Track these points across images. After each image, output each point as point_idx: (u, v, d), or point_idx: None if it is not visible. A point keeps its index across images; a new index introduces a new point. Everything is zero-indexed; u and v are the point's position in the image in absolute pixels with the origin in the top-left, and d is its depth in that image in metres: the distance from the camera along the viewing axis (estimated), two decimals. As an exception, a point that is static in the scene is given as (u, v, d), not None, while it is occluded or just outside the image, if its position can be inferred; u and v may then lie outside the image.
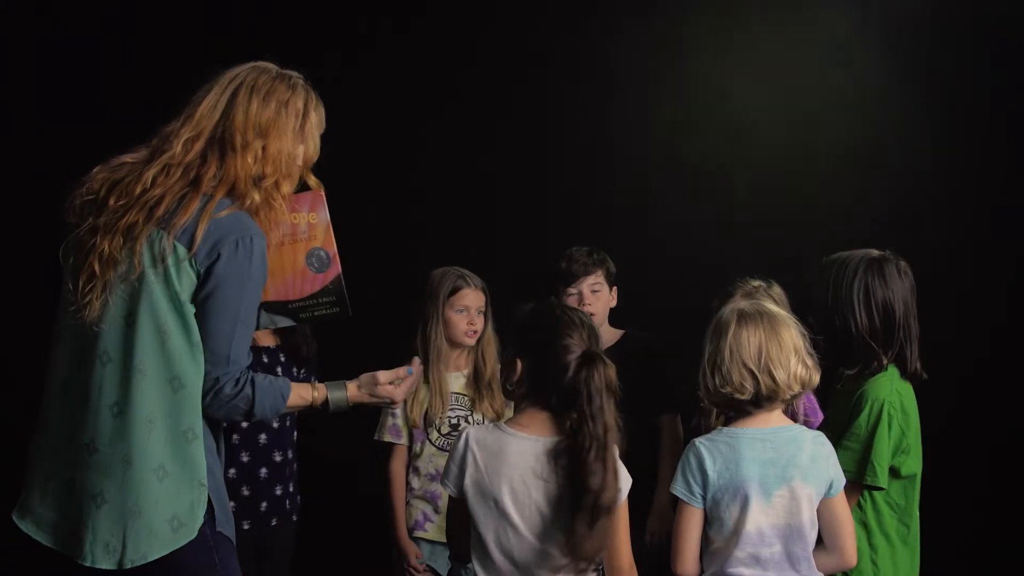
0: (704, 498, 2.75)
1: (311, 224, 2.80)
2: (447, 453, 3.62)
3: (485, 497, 2.58)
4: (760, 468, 2.73)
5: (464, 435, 2.65)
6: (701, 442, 2.78)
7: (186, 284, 2.43)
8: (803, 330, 2.80)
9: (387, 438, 3.78)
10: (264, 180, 2.52)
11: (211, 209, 2.44)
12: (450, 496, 2.66)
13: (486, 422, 3.70)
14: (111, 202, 2.45)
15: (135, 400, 2.40)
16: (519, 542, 2.56)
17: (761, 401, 2.74)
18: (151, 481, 2.40)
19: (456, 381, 3.79)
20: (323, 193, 2.78)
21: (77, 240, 2.46)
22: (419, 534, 3.75)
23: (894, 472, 2.97)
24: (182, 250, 2.41)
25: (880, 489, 2.93)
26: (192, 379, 2.43)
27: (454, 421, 3.75)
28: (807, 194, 4.23)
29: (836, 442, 2.94)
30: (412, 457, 3.76)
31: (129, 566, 2.38)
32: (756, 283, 3.49)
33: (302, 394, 2.63)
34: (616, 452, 2.55)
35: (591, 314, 3.69)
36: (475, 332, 3.75)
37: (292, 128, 2.55)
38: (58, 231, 2.50)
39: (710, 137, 4.35)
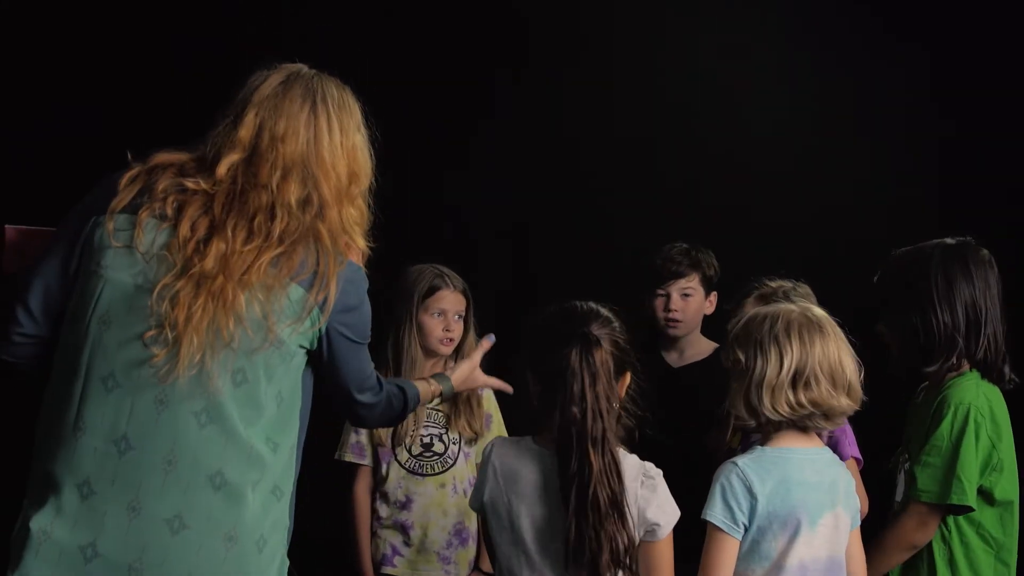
0: (747, 527, 2.37)
1: None
2: (419, 477, 3.27)
3: (500, 517, 2.34)
4: (809, 493, 2.39)
5: (489, 446, 2.41)
6: (744, 463, 2.39)
7: (311, 341, 2.13)
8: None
9: (349, 458, 3.33)
10: (354, 225, 2.22)
11: (335, 262, 2.12)
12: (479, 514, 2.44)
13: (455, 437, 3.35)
14: (215, 246, 2.04)
15: (238, 471, 2.04)
16: (529, 570, 2.29)
17: (834, 416, 2.39)
18: (252, 555, 2.04)
19: None
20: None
21: (170, 284, 2.04)
22: (387, 570, 3.30)
23: (986, 496, 2.61)
24: (317, 313, 2.10)
25: (968, 510, 2.56)
26: (291, 439, 2.14)
27: (426, 440, 3.31)
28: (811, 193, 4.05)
29: (915, 461, 2.60)
30: (378, 481, 3.31)
31: None
32: (776, 283, 3.09)
33: (427, 396, 2.59)
34: (642, 465, 2.30)
35: (677, 321, 3.39)
36: (451, 340, 3.31)
37: (367, 155, 2.26)
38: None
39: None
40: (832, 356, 2.36)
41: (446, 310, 3.30)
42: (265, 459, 2.06)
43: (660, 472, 2.34)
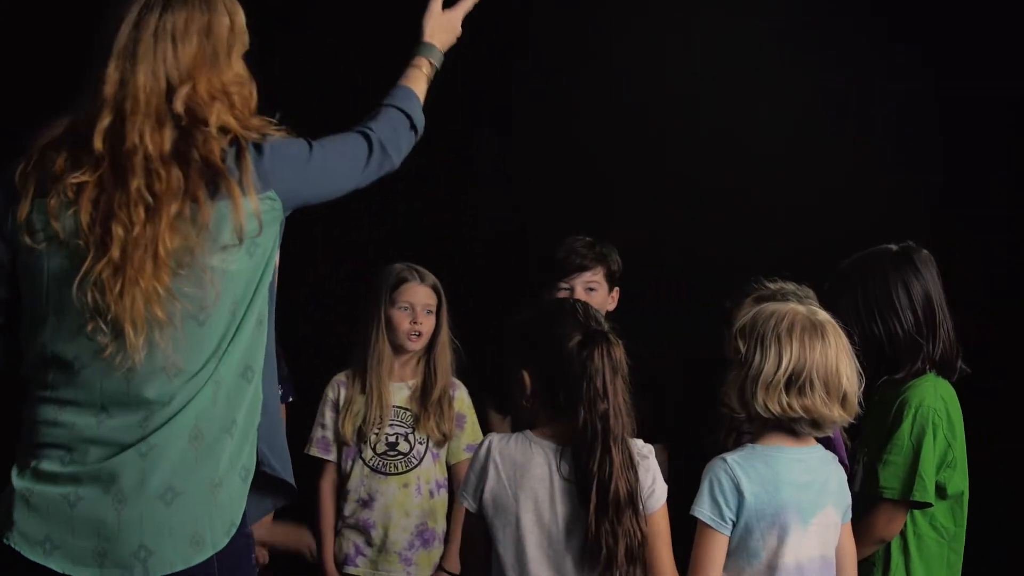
0: (735, 524, 2.37)
1: None
2: (381, 476, 3.23)
3: (505, 514, 2.30)
4: (798, 492, 2.39)
5: (486, 441, 2.36)
6: (733, 459, 2.39)
7: (275, 216, 2.12)
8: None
9: (314, 452, 3.30)
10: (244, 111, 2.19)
11: (236, 179, 2.08)
12: (467, 511, 2.37)
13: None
14: (115, 232, 2.01)
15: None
16: (541, 567, 2.27)
17: (825, 425, 2.40)
18: (226, 442, 2.07)
19: (398, 393, 3.31)
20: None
21: (88, 272, 2.01)
22: (349, 570, 3.27)
23: (939, 490, 2.71)
24: (252, 220, 2.06)
25: (927, 506, 2.66)
26: (257, 310, 2.12)
27: (392, 439, 3.27)
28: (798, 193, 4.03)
29: (876, 458, 2.66)
30: (342, 479, 3.27)
31: (225, 543, 2.06)
32: (777, 285, 3.01)
33: (422, 83, 2.42)
34: (633, 444, 2.31)
35: None
36: (419, 335, 3.27)
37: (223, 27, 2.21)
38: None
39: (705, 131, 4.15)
40: (830, 363, 2.36)
41: (414, 303, 3.27)
42: (230, 353, 2.07)
43: (652, 448, 2.36)
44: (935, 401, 2.68)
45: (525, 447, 2.32)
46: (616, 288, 3.46)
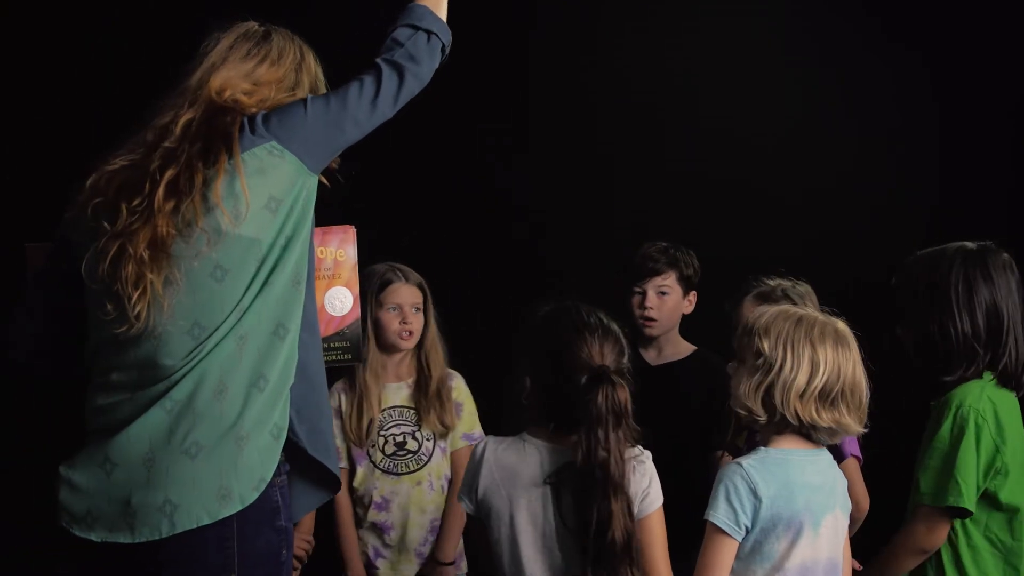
0: (750, 529, 2.36)
1: (337, 261, 2.74)
2: (394, 476, 3.24)
3: (499, 514, 2.32)
4: (812, 495, 2.39)
5: (482, 444, 2.39)
6: (749, 464, 2.37)
7: (291, 180, 2.20)
8: None
9: (323, 460, 3.29)
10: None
11: (237, 120, 2.21)
12: (468, 515, 2.40)
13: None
14: (123, 210, 2.12)
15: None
16: (536, 566, 2.29)
17: (841, 435, 2.40)
18: (254, 397, 2.12)
19: (398, 393, 3.31)
20: (354, 231, 2.71)
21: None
22: (371, 573, 3.28)
23: (991, 499, 2.55)
24: (235, 163, 2.13)
25: (966, 513, 2.52)
26: (304, 275, 2.21)
27: (399, 439, 3.26)
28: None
29: (920, 464, 2.59)
30: (354, 483, 3.28)
31: (254, 497, 2.10)
32: (775, 282, 3.05)
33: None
34: (629, 483, 2.28)
35: (652, 320, 3.37)
36: (410, 333, 3.25)
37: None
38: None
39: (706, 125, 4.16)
40: (857, 375, 2.36)
41: (401, 303, 3.25)
42: (256, 308, 2.13)
43: (648, 453, 2.36)
44: (978, 402, 2.53)
45: (519, 449, 2.34)
46: (693, 292, 3.44)
